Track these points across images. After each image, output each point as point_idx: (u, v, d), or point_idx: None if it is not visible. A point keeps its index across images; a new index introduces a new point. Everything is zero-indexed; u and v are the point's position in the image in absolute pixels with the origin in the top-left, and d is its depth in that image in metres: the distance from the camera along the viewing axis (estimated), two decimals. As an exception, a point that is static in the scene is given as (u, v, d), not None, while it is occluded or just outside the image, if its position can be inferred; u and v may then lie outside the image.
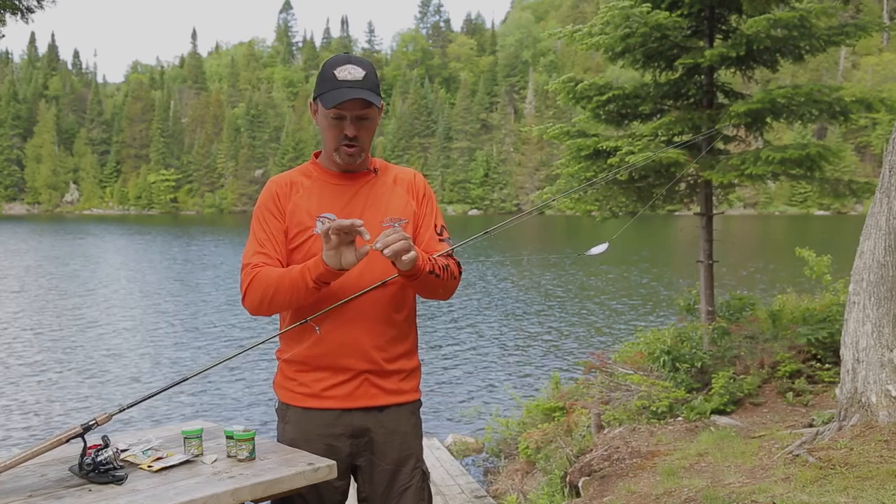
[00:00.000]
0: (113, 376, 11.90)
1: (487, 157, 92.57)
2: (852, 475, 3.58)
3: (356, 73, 2.10)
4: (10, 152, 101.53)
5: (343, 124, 2.12)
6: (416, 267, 2.03)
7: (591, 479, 4.84)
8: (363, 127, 2.15)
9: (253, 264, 2.14)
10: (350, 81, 2.08)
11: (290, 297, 2.08)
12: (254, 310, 2.16)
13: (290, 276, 2.06)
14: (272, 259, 2.15)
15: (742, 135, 7.18)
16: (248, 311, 2.19)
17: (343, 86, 2.08)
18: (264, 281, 2.09)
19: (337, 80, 2.09)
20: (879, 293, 4.19)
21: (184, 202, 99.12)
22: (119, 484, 1.85)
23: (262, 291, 2.10)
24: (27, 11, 5.69)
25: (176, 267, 29.26)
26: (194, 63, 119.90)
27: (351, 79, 2.09)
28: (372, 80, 2.12)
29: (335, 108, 2.09)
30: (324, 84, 2.12)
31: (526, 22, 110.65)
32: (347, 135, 2.13)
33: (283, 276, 2.07)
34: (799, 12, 6.19)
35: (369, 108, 2.12)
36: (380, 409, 2.21)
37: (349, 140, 2.13)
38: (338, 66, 2.11)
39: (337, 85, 2.08)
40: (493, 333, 15.42)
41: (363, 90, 2.08)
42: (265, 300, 2.11)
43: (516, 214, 2.75)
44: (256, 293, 2.11)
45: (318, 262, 2.01)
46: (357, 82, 2.09)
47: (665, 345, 6.46)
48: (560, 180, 7.69)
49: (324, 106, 2.10)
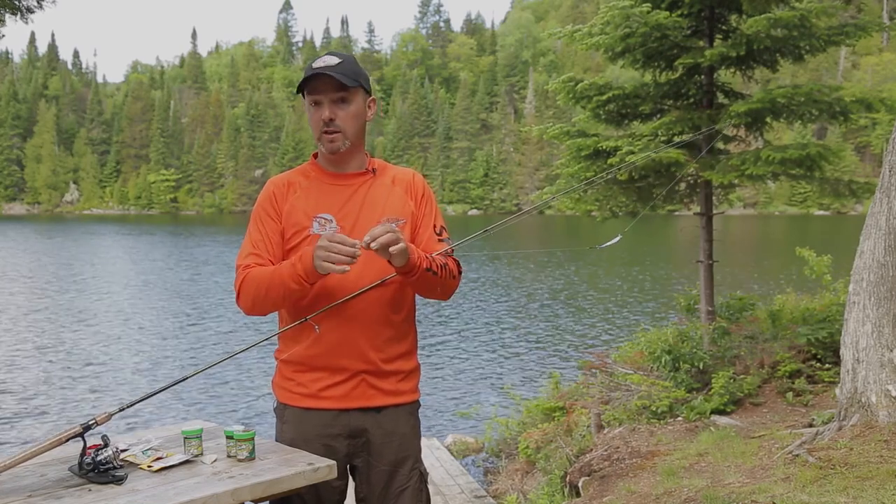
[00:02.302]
0: (113, 376, 11.89)
1: (487, 157, 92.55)
2: (852, 475, 3.58)
3: (330, 61, 2.15)
4: (10, 152, 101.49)
5: (321, 110, 2.15)
6: (410, 262, 2.03)
7: (591, 479, 4.84)
8: (341, 110, 2.16)
9: (245, 265, 2.16)
10: (323, 67, 2.13)
11: (280, 294, 2.08)
12: (248, 309, 2.17)
13: (280, 274, 2.06)
14: (264, 260, 2.16)
15: (742, 135, 7.18)
16: (243, 312, 2.21)
17: (317, 71, 2.12)
18: (255, 280, 2.10)
19: (311, 68, 2.15)
20: (879, 293, 4.19)
21: (184, 202, 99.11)
22: (119, 484, 1.85)
23: (255, 291, 2.11)
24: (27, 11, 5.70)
25: (176, 266, 29.25)
26: (194, 63, 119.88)
27: (324, 65, 2.14)
28: (347, 67, 2.15)
29: (309, 91, 2.14)
30: (303, 76, 2.17)
31: (526, 22, 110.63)
32: (323, 119, 2.14)
33: (273, 275, 2.08)
34: (799, 12, 6.18)
35: (344, 90, 2.14)
36: (377, 409, 2.21)
37: (326, 125, 2.15)
38: (317, 59, 2.19)
39: (311, 71, 2.14)
40: (493, 333, 15.42)
41: (335, 72, 2.12)
42: (258, 299, 2.12)
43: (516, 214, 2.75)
44: (249, 293, 2.13)
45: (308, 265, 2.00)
46: (330, 67, 2.13)
47: (666, 344, 6.46)
48: (560, 180, 7.69)
49: (299, 91, 2.16)
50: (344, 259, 1.94)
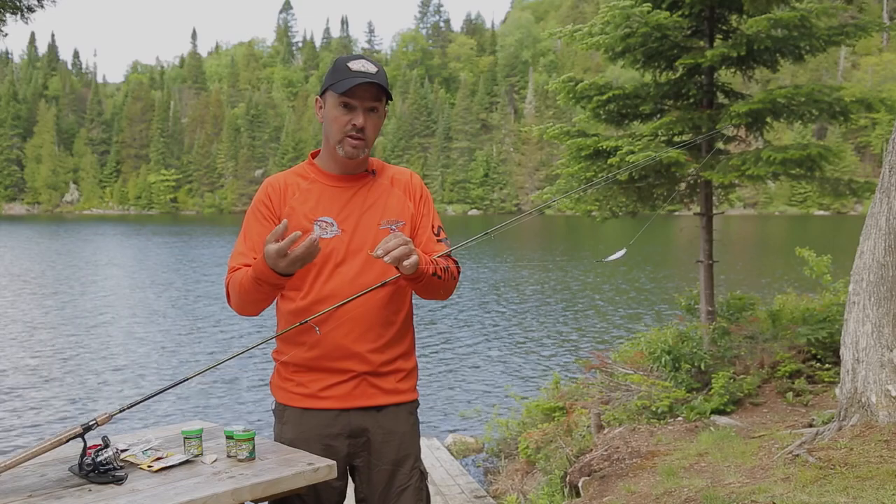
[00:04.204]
0: (113, 376, 11.89)
1: (487, 157, 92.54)
2: (852, 475, 3.58)
3: (369, 68, 2.13)
4: (10, 152, 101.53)
5: (352, 114, 2.13)
6: (419, 270, 2.04)
7: (591, 479, 4.83)
8: (371, 119, 2.15)
9: (232, 268, 2.17)
10: (364, 73, 2.11)
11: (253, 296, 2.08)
12: (238, 310, 2.20)
13: (247, 276, 2.06)
14: (252, 262, 2.15)
15: (742, 135, 7.17)
16: (236, 312, 2.23)
17: (357, 76, 2.11)
18: (237, 283, 2.12)
19: (351, 71, 2.12)
20: (879, 293, 4.19)
21: (184, 202, 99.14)
22: (119, 484, 1.85)
23: (238, 293, 2.13)
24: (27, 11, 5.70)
25: (176, 267, 29.25)
26: (194, 63, 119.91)
27: (364, 70, 2.12)
28: (383, 77, 2.15)
29: (347, 94, 2.10)
30: (336, 74, 2.14)
31: (526, 22, 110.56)
32: (356, 125, 2.13)
33: (244, 277, 2.08)
34: (799, 12, 6.18)
35: (380, 100, 2.14)
36: (377, 409, 2.21)
37: (357, 131, 2.14)
38: (352, 59, 2.15)
39: (351, 74, 2.11)
40: (493, 333, 15.41)
41: (379, 81, 2.12)
42: (242, 301, 2.14)
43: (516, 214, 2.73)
44: (234, 295, 2.15)
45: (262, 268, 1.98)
46: (371, 74, 2.12)
47: (666, 344, 6.46)
48: (560, 180, 7.68)
49: (336, 91, 2.11)
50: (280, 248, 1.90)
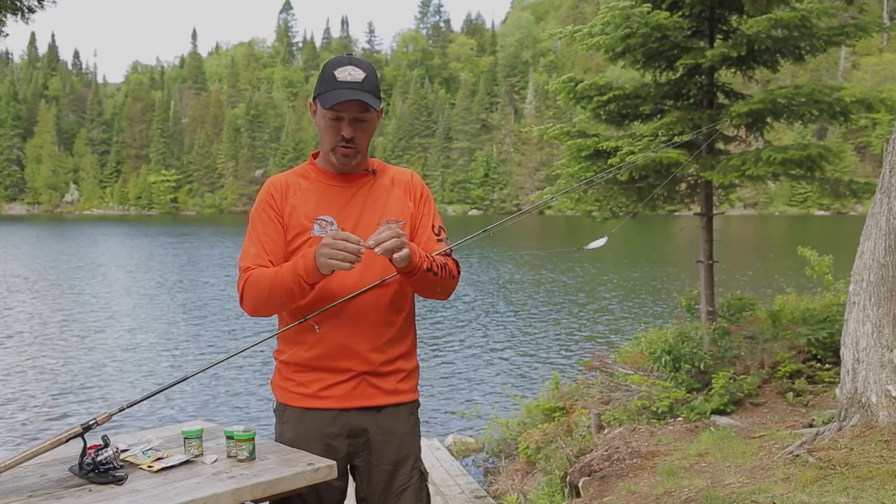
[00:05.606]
0: (113, 376, 11.89)
1: (487, 158, 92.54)
2: (852, 475, 3.58)
3: (356, 75, 2.09)
4: (10, 152, 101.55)
5: (340, 125, 2.12)
6: (412, 264, 2.04)
7: (591, 480, 4.83)
8: (360, 129, 2.14)
9: (247, 267, 2.15)
10: (349, 83, 2.08)
11: (281, 296, 2.08)
12: (251, 311, 2.17)
13: (282, 275, 2.06)
14: (265, 261, 2.15)
15: (742, 135, 7.17)
16: (247, 313, 2.21)
17: (342, 87, 2.07)
18: (258, 282, 2.10)
19: (336, 81, 2.08)
20: (879, 293, 4.19)
21: (184, 202, 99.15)
22: (119, 484, 1.85)
23: (258, 293, 2.11)
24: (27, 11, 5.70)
25: (176, 266, 29.25)
26: (194, 63, 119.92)
27: (350, 80, 2.08)
28: (372, 83, 2.11)
29: (333, 108, 2.09)
30: (323, 84, 2.12)
31: (526, 22, 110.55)
32: (344, 136, 2.12)
33: (276, 276, 2.07)
34: (800, 12, 6.18)
35: (367, 111, 2.12)
36: (378, 409, 2.21)
37: (345, 141, 2.13)
38: (338, 66, 2.10)
39: (336, 86, 2.08)
40: (493, 333, 15.41)
41: (362, 92, 2.08)
42: (260, 301, 2.12)
43: (516, 214, 2.71)
44: (252, 295, 2.12)
45: (310, 265, 2.00)
46: (356, 83, 2.08)
47: (666, 344, 6.46)
48: (560, 180, 7.68)
49: (322, 106, 2.11)
50: (349, 256, 1.94)
